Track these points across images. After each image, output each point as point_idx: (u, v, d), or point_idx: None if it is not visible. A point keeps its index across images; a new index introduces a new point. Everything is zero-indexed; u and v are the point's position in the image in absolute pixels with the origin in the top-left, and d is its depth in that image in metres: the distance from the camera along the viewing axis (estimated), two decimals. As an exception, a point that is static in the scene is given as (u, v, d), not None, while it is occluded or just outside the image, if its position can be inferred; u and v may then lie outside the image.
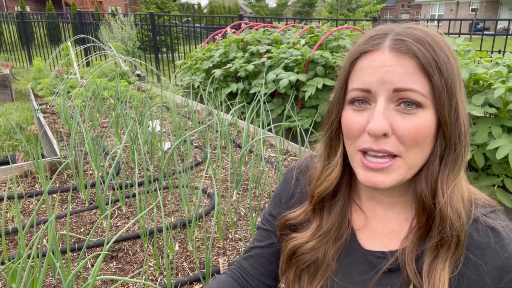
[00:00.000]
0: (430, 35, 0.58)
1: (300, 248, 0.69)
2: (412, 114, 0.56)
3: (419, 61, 0.55)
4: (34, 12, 13.10)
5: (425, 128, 0.56)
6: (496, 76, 2.60)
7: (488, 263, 0.58)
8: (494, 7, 30.56)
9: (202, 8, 28.04)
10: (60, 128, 3.58)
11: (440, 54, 0.56)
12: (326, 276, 0.67)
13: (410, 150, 0.57)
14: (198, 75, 4.93)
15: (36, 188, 2.39)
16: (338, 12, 34.65)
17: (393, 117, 0.56)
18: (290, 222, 0.73)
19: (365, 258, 0.66)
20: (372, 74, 0.57)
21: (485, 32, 9.13)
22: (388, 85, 0.56)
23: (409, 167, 0.58)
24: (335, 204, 0.69)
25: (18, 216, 1.57)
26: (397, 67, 0.56)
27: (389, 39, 0.58)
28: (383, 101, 0.56)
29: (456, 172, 0.59)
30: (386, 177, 0.58)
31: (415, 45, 0.56)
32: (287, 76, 3.63)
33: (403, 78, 0.55)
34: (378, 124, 0.55)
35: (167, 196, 2.28)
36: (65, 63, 6.20)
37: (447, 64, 0.56)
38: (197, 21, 10.43)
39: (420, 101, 0.55)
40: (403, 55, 0.56)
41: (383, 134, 0.56)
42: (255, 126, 3.03)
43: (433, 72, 0.55)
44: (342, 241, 0.68)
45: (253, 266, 0.80)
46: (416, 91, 0.55)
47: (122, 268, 1.68)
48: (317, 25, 5.04)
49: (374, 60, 0.57)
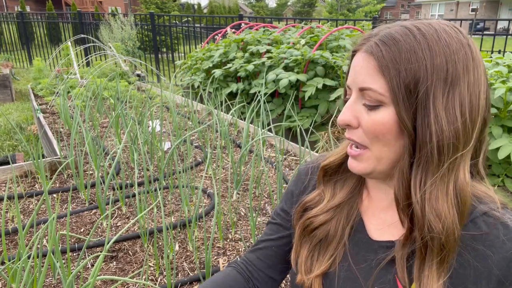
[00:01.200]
0: (412, 32, 0.58)
1: (312, 222, 0.73)
2: (373, 111, 0.60)
3: (377, 61, 0.58)
4: (34, 12, 13.10)
5: (382, 124, 0.59)
6: (496, 76, 2.60)
7: (496, 255, 0.58)
8: (494, 7, 30.56)
9: (202, 8, 28.04)
10: (60, 128, 3.58)
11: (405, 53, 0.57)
12: (337, 252, 0.70)
13: (374, 143, 0.61)
14: (198, 75, 4.93)
15: (36, 188, 2.39)
16: (338, 12, 34.65)
17: (360, 111, 0.62)
18: (307, 204, 0.76)
19: (372, 247, 0.68)
20: (351, 74, 0.64)
21: (485, 32, 9.14)
22: (356, 84, 0.62)
23: (378, 159, 0.62)
24: (349, 179, 0.74)
25: (18, 216, 1.57)
26: (362, 67, 0.60)
27: (372, 40, 0.61)
28: (353, 97, 0.63)
29: (435, 173, 0.57)
30: (358, 164, 0.65)
31: (379, 46, 0.59)
32: (287, 76, 3.63)
33: (365, 78, 0.60)
34: (341, 115, 0.63)
35: (167, 196, 2.28)
36: (65, 63, 6.20)
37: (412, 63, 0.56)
38: (197, 21, 10.43)
39: (379, 99, 0.59)
40: (368, 56, 0.60)
41: (346, 125, 0.63)
42: (255, 126, 3.03)
43: (387, 72, 0.57)
44: (352, 220, 0.71)
45: (260, 259, 0.81)
46: (373, 90, 0.59)
47: (122, 268, 1.68)
48: (317, 25, 5.04)
49: (354, 59, 0.63)
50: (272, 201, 2.23)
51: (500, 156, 2.29)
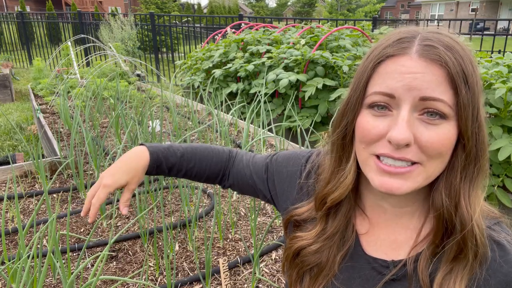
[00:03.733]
0: (458, 43, 0.55)
1: (304, 250, 0.68)
2: (436, 125, 0.54)
3: (449, 70, 0.53)
4: (34, 12, 13.10)
5: (448, 139, 0.54)
6: (497, 76, 2.60)
7: (493, 278, 0.57)
8: (494, 7, 30.56)
9: (202, 8, 28.04)
10: (60, 128, 3.58)
11: (468, 64, 0.54)
12: (328, 279, 0.67)
13: (432, 160, 0.55)
14: (198, 75, 4.93)
15: (36, 188, 2.39)
16: (338, 12, 34.65)
17: (416, 126, 0.54)
18: (295, 218, 0.73)
19: (368, 263, 0.65)
20: (398, 80, 0.54)
21: (485, 32, 9.14)
22: (415, 92, 0.53)
23: (428, 176, 0.57)
24: (340, 208, 0.67)
25: (18, 216, 1.57)
26: (425, 74, 0.53)
27: (417, 43, 0.55)
28: (407, 109, 0.54)
29: (477, 185, 0.57)
30: (403, 183, 0.56)
31: (446, 53, 0.53)
32: (287, 76, 3.63)
33: (431, 86, 0.53)
34: (402, 133, 0.53)
35: (167, 196, 2.28)
36: (65, 63, 6.20)
37: (473, 75, 0.54)
38: (197, 21, 10.43)
39: (446, 112, 0.54)
40: (433, 63, 0.53)
41: (406, 144, 0.54)
42: (255, 126, 3.03)
43: (460, 84, 0.53)
44: (347, 246, 0.67)
45: (239, 170, 0.87)
46: (443, 101, 0.53)
47: (122, 268, 1.68)
48: (317, 25, 5.04)
49: (401, 65, 0.55)
50: (272, 201, 2.23)
51: (500, 158, 2.29)
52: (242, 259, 1.73)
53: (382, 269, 0.63)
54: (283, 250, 0.76)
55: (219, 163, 0.87)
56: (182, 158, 0.85)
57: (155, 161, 0.82)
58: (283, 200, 0.79)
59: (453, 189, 0.57)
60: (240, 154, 0.90)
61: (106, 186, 0.78)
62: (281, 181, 0.79)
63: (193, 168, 0.86)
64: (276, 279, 1.65)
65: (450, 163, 0.57)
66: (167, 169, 0.84)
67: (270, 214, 2.14)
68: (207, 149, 0.88)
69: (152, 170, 0.83)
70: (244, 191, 0.89)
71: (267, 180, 0.82)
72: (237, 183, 0.87)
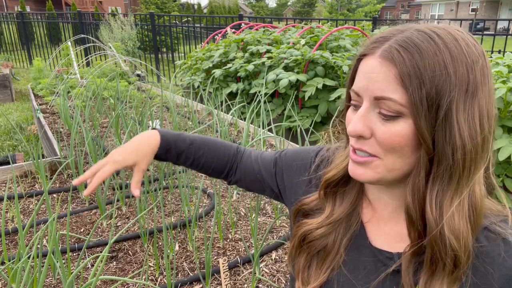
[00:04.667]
0: (433, 40, 0.54)
1: (310, 234, 0.71)
2: (390, 121, 0.56)
3: (398, 69, 0.54)
4: (34, 12, 13.10)
5: (401, 136, 0.55)
6: (497, 76, 2.60)
7: (496, 272, 0.58)
8: (494, 7, 30.57)
9: (202, 8, 28.05)
10: (60, 128, 3.58)
11: (429, 62, 0.53)
12: (334, 263, 0.68)
13: (389, 155, 0.58)
14: (198, 75, 4.93)
15: (36, 188, 2.39)
16: (338, 12, 34.66)
17: (374, 121, 0.57)
18: (303, 207, 0.75)
19: (373, 254, 0.66)
20: (362, 79, 0.58)
21: (485, 32, 9.13)
22: (370, 92, 0.57)
23: (389, 169, 0.59)
24: (348, 192, 0.70)
25: (18, 216, 1.57)
26: (379, 74, 0.56)
27: (388, 44, 0.56)
28: (366, 106, 0.58)
29: (455, 188, 0.56)
30: (364, 171, 0.61)
31: (400, 52, 0.54)
32: (287, 76, 3.63)
33: (382, 86, 0.55)
34: (353, 126, 0.58)
35: (167, 196, 2.28)
36: (65, 63, 6.20)
37: (436, 73, 0.52)
38: (197, 21, 10.43)
39: (398, 110, 0.55)
40: (386, 62, 0.55)
41: (358, 136, 0.59)
42: (255, 126, 3.03)
43: (409, 82, 0.53)
44: (351, 231, 0.69)
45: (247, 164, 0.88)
46: (392, 100, 0.54)
47: (122, 268, 1.68)
48: (317, 25, 5.04)
49: (366, 64, 0.58)
50: (272, 201, 2.23)
51: (500, 158, 2.29)
52: (242, 259, 1.73)
53: (387, 260, 0.64)
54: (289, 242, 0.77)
55: (227, 156, 0.88)
56: (191, 146, 0.86)
57: (165, 145, 0.83)
58: (292, 194, 0.80)
59: (416, 189, 0.57)
60: (248, 150, 0.92)
61: (115, 162, 0.78)
62: (290, 175, 0.81)
63: (201, 157, 0.87)
64: (276, 279, 1.65)
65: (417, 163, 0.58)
66: (176, 154, 0.85)
67: (270, 214, 2.14)
68: (216, 141, 0.89)
69: (162, 154, 0.84)
70: (250, 187, 0.90)
71: (275, 175, 0.83)
72: (244, 178, 0.88)
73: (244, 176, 0.88)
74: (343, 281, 0.67)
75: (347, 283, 0.67)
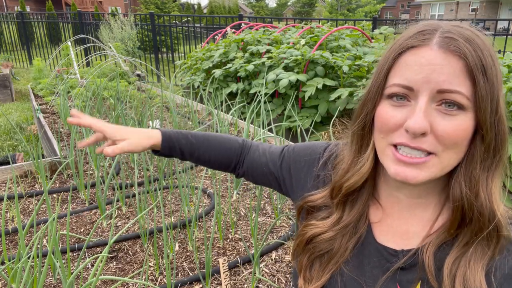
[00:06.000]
0: (478, 35, 0.56)
1: (318, 237, 0.70)
2: (453, 115, 0.55)
3: (467, 62, 0.54)
4: (34, 12, 13.09)
5: (464, 130, 0.55)
6: (496, 76, 2.60)
7: (498, 270, 0.58)
8: (494, 7, 30.56)
9: (202, 8, 28.05)
10: (60, 128, 3.58)
11: (487, 57, 0.55)
12: (337, 265, 0.68)
13: (447, 150, 0.57)
14: (198, 75, 4.93)
15: (36, 188, 2.39)
16: (338, 12, 34.66)
17: (434, 116, 0.56)
18: (308, 204, 0.74)
19: (378, 252, 0.67)
20: (417, 72, 0.56)
21: (485, 32, 9.09)
22: (433, 84, 0.55)
23: (443, 166, 0.58)
24: (358, 198, 0.69)
25: (18, 216, 1.57)
26: (444, 66, 0.54)
27: (438, 35, 0.56)
28: (425, 100, 0.55)
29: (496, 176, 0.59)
30: (418, 172, 0.57)
31: (465, 45, 0.54)
32: (287, 76, 3.63)
33: (449, 79, 0.54)
34: (418, 122, 0.55)
35: (167, 196, 2.28)
36: (65, 63, 6.20)
37: (492, 68, 0.55)
38: (197, 21, 10.43)
39: (463, 103, 0.54)
40: (452, 54, 0.54)
41: (422, 133, 0.55)
42: (255, 126, 3.03)
43: (479, 75, 0.54)
44: (358, 234, 0.68)
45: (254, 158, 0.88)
46: (460, 93, 0.54)
47: (122, 268, 1.68)
48: (317, 25, 5.04)
49: (421, 56, 0.56)
50: (272, 201, 2.23)
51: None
52: (242, 259, 1.73)
53: (390, 257, 0.65)
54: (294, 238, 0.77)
55: (233, 149, 0.90)
56: (194, 143, 0.87)
57: (167, 141, 0.85)
58: (299, 189, 0.80)
59: (473, 179, 0.58)
60: (256, 143, 0.93)
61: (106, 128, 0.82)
62: (297, 169, 0.81)
63: (206, 153, 0.88)
64: (276, 279, 1.65)
65: (469, 154, 0.58)
66: (180, 151, 0.86)
67: (270, 214, 2.14)
68: (220, 135, 0.91)
69: (166, 151, 0.85)
70: (257, 179, 0.91)
71: (282, 168, 0.84)
72: (251, 170, 0.89)
73: (251, 169, 0.89)
74: (347, 278, 0.68)
75: (351, 280, 0.67)
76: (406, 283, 0.62)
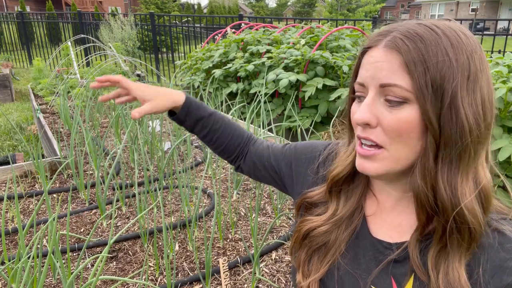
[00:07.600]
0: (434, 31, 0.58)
1: (314, 231, 0.72)
2: (396, 108, 0.58)
3: (403, 57, 0.57)
4: (34, 12, 13.10)
5: (408, 122, 0.57)
6: (497, 76, 2.60)
7: (489, 263, 0.58)
8: (494, 7, 30.56)
9: (202, 8, 28.05)
10: (60, 128, 3.58)
11: (432, 50, 0.56)
12: (335, 257, 0.70)
13: (395, 143, 0.59)
14: (198, 75, 4.93)
15: (36, 188, 2.39)
16: (338, 12, 34.66)
17: (380, 110, 0.59)
18: (306, 200, 0.76)
19: (373, 245, 0.68)
20: (367, 70, 0.61)
21: (485, 32, 9.13)
22: (376, 80, 0.59)
23: (396, 159, 0.60)
24: (354, 189, 0.72)
25: (18, 216, 1.57)
26: (384, 63, 0.58)
27: (391, 35, 0.59)
28: (371, 94, 0.60)
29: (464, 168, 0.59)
30: (371, 164, 0.62)
31: (404, 41, 0.57)
32: (287, 76, 3.63)
33: (388, 74, 0.58)
34: (361, 113, 0.60)
35: (167, 196, 2.28)
36: (65, 63, 6.20)
37: (439, 59, 0.56)
38: (197, 21, 10.42)
39: (404, 96, 0.57)
40: (391, 51, 0.58)
41: (365, 123, 0.60)
42: (255, 126, 3.03)
43: (415, 68, 0.56)
44: (353, 226, 0.71)
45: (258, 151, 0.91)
46: (399, 86, 0.57)
47: (122, 268, 1.68)
48: (317, 25, 5.04)
49: (371, 56, 0.61)
50: (272, 201, 2.23)
51: (500, 158, 2.29)
52: (242, 259, 1.73)
53: (385, 250, 0.66)
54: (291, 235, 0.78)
55: (240, 137, 0.93)
56: (211, 116, 0.90)
57: (187, 105, 0.87)
58: (299, 185, 0.82)
59: (427, 172, 0.59)
60: (260, 139, 0.96)
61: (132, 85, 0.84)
62: (298, 166, 0.83)
63: (217, 130, 0.90)
64: (276, 279, 1.65)
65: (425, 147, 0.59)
66: (195, 120, 0.88)
67: (270, 214, 2.14)
68: (234, 122, 0.95)
69: (182, 115, 0.87)
70: (256, 173, 0.92)
71: (284, 164, 0.86)
72: (253, 163, 0.91)
73: (253, 162, 0.91)
74: (343, 271, 0.69)
75: (347, 273, 0.69)
76: (399, 276, 0.63)
